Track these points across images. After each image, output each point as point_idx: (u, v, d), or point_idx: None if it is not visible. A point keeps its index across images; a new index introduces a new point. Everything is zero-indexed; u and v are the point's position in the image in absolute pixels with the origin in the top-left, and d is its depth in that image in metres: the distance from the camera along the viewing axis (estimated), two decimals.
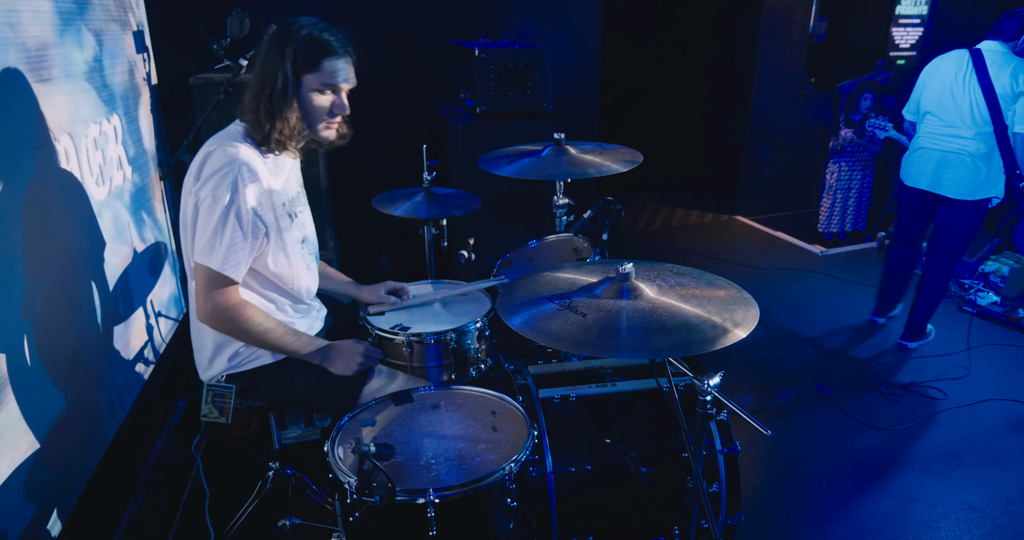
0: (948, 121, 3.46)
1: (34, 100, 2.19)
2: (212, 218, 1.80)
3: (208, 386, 2.05)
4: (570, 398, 2.07)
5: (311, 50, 1.84)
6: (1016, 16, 3.34)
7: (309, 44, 1.84)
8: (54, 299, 2.22)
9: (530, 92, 3.94)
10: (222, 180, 1.80)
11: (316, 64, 1.85)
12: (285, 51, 1.82)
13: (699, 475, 1.66)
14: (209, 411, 2.05)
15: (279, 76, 1.82)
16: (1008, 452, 3.05)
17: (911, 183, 3.67)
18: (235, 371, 2.03)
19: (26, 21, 2.19)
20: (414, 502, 1.52)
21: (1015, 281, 4.43)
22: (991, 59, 3.33)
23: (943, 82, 3.46)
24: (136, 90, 3.28)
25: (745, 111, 6.17)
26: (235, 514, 2.43)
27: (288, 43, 1.83)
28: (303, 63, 1.84)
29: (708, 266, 4.18)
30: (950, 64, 3.45)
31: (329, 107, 1.92)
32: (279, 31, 1.87)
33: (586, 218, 2.81)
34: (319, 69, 1.85)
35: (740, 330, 1.50)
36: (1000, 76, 3.29)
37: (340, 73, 1.89)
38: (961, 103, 3.39)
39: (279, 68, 1.82)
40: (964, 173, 3.43)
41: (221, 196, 1.79)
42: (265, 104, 1.85)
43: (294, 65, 1.83)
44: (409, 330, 2.22)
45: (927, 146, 3.55)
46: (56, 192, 2.30)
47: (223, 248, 1.81)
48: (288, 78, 1.83)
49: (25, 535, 1.96)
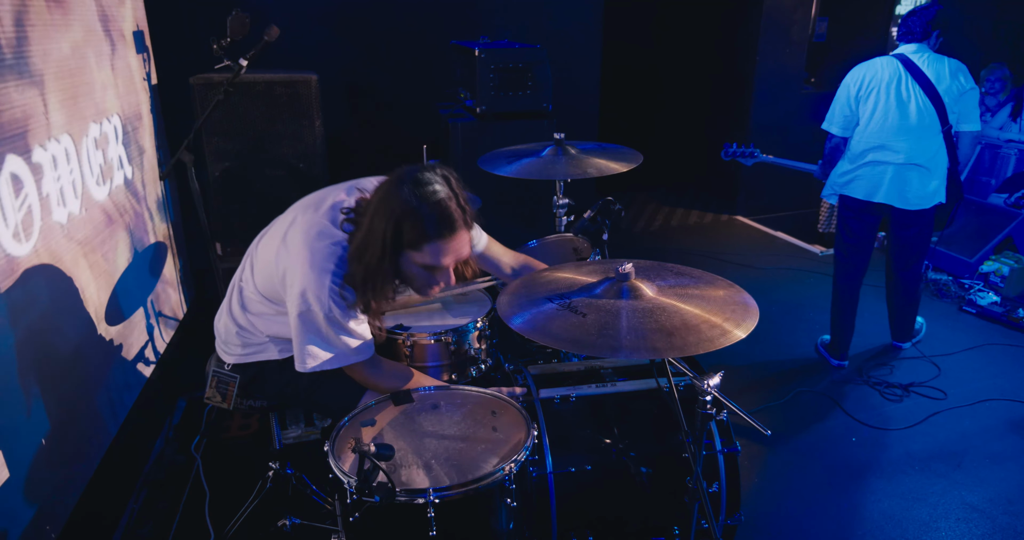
0: (897, 130, 3.29)
1: (34, 100, 2.19)
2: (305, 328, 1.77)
3: (214, 372, 2.09)
4: (570, 398, 2.07)
5: (420, 226, 1.62)
6: (919, 14, 3.29)
7: (420, 217, 1.61)
8: (54, 299, 2.22)
9: (530, 92, 3.94)
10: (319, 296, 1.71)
11: (420, 245, 1.66)
12: (389, 216, 1.62)
13: (699, 475, 1.66)
14: (212, 395, 2.10)
15: (379, 245, 1.64)
16: (1008, 452, 3.05)
17: (861, 197, 3.43)
18: (243, 361, 2.07)
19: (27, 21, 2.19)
20: (414, 502, 1.52)
21: (1015, 281, 4.43)
22: (922, 62, 3.26)
23: (884, 92, 3.29)
24: (136, 90, 3.28)
25: (745, 111, 6.17)
26: (235, 514, 2.44)
27: (395, 206, 1.62)
28: (408, 238, 1.65)
29: (708, 266, 4.18)
30: (883, 73, 3.30)
31: (432, 278, 1.78)
32: (393, 186, 1.64)
33: (586, 218, 2.81)
34: (422, 250, 1.67)
35: (740, 330, 1.50)
36: (941, 78, 3.22)
37: (451, 253, 1.71)
38: (909, 110, 3.26)
39: (380, 234, 1.63)
40: (920, 182, 3.32)
41: (317, 308, 1.73)
42: (360, 270, 1.70)
43: (395, 238, 1.63)
44: (409, 330, 2.22)
45: (878, 159, 3.34)
46: (56, 192, 2.30)
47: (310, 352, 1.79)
48: (388, 251, 1.65)
49: (25, 535, 1.97)
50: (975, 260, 4.69)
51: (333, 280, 1.72)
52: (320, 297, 1.72)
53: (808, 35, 6.01)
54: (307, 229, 1.77)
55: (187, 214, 3.92)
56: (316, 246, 1.73)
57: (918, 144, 3.29)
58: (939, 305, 4.46)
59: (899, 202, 3.37)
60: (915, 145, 3.29)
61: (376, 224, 1.65)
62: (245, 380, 2.09)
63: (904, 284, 3.69)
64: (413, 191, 1.62)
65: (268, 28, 2.78)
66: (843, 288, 3.69)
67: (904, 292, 3.72)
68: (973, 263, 4.68)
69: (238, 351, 2.07)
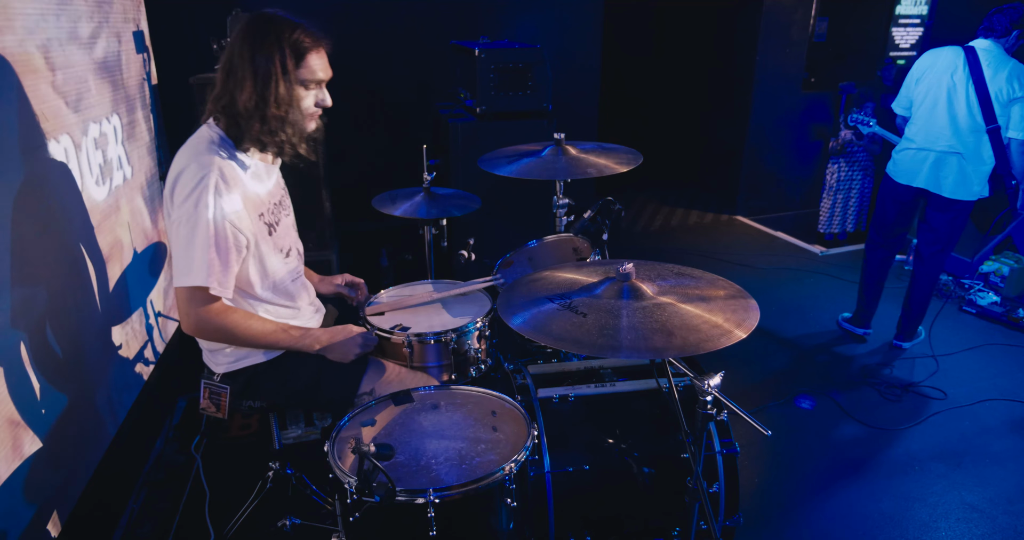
0: (942, 119, 3.43)
1: (33, 100, 2.19)
2: (192, 239, 1.75)
3: (205, 384, 2.06)
4: (569, 398, 2.07)
5: (297, 45, 1.79)
6: (1005, 12, 3.34)
7: (295, 39, 1.79)
8: (54, 299, 2.22)
9: (530, 92, 3.94)
10: (198, 198, 1.74)
11: (303, 60, 1.81)
12: (272, 45, 1.77)
13: (699, 475, 1.66)
14: (207, 406, 2.07)
15: (272, 72, 1.77)
16: (1008, 452, 3.05)
17: (903, 181, 3.62)
18: (231, 370, 2.04)
19: (26, 22, 2.19)
20: (414, 502, 1.52)
21: (1015, 281, 4.43)
22: (986, 58, 3.32)
23: (938, 79, 3.43)
24: (136, 90, 3.28)
25: (745, 111, 6.17)
26: (235, 514, 2.44)
27: (271, 36, 1.77)
28: (292, 59, 1.79)
29: (708, 266, 4.18)
30: (945, 61, 3.43)
31: (314, 101, 1.90)
32: (259, 23, 1.80)
33: (586, 218, 2.81)
34: (305, 65, 1.82)
35: (740, 330, 1.50)
36: (996, 78, 3.29)
37: (324, 68, 1.87)
38: (956, 101, 3.38)
39: (270, 64, 1.77)
40: (959, 172, 3.43)
41: (197, 214, 1.74)
42: (256, 101, 1.79)
43: (283, 61, 1.78)
44: (409, 330, 2.22)
45: (921, 144, 3.51)
46: (56, 192, 2.30)
47: (203, 266, 1.76)
48: (281, 74, 1.78)
49: (25, 535, 1.96)
50: (975, 260, 4.69)
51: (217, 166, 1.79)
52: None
53: (808, 35, 6.01)
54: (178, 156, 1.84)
55: None
56: (185, 154, 1.83)
57: (959, 136, 3.40)
58: (939, 305, 4.45)
59: (935, 188, 3.51)
60: (956, 136, 3.41)
61: (258, 56, 1.77)
62: (237, 389, 2.05)
63: (924, 271, 3.74)
64: (279, 23, 1.80)
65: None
66: (869, 263, 3.95)
67: (921, 279, 3.78)
68: (973, 263, 4.68)
69: (225, 359, 2.03)
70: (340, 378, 2.04)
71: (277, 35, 1.78)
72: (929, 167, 3.49)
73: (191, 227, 1.75)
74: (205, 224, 1.74)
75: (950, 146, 3.42)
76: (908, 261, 5.10)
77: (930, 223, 3.65)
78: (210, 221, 1.74)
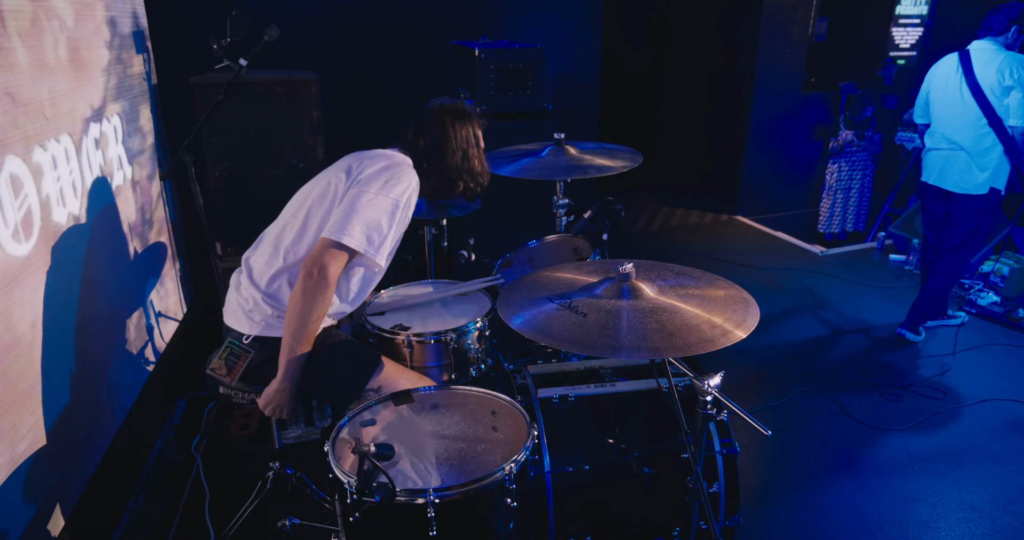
0: (948, 120, 3.65)
1: (33, 100, 2.19)
2: (373, 205, 1.96)
3: (228, 343, 2.03)
4: (569, 398, 2.07)
5: (477, 122, 2.26)
6: (1003, 11, 3.49)
7: (477, 118, 2.27)
8: (54, 299, 2.22)
9: (530, 92, 3.94)
10: (398, 185, 2.02)
11: (478, 130, 2.27)
12: (469, 123, 2.24)
13: (699, 475, 1.66)
14: (219, 366, 2.02)
15: (472, 142, 2.23)
16: (1008, 452, 3.05)
17: (924, 179, 3.86)
18: (266, 334, 2.03)
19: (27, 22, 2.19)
20: (414, 502, 1.52)
21: (1015, 281, 4.43)
22: (979, 57, 3.50)
23: (942, 85, 3.67)
24: (136, 90, 3.28)
25: (745, 111, 6.17)
26: (235, 514, 2.44)
27: (468, 117, 2.24)
28: (477, 129, 2.25)
29: (708, 266, 4.18)
30: (945, 67, 3.67)
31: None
32: (456, 107, 2.25)
33: (586, 218, 2.81)
34: (479, 134, 2.28)
35: (740, 330, 1.50)
36: (986, 72, 3.44)
37: None
38: (955, 103, 3.59)
39: (471, 135, 2.23)
40: (962, 168, 3.62)
41: (393, 195, 2.00)
42: (466, 164, 2.22)
43: (476, 134, 2.24)
44: (409, 330, 2.22)
45: (936, 145, 3.74)
46: (56, 193, 2.30)
47: (366, 229, 1.94)
48: (477, 144, 2.25)
49: (25, 535, 1.97)
50: (975, 260, 4.69)
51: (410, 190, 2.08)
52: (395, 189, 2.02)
53: (808, 35, 6.01)
54: (380, 158, 2.12)
55: (187, 214, 3.92)
56: (387, 157, 2.15)
57: (962, 133, 3.59)
58: None
59: (943, 183, 3.73)
60: (960, 134, 3.60)
61: (461, 132, 2.22)
62: (260, 358, 2.02)
63: (942, 265, 3.84)
64: (464, 106, 2.28)
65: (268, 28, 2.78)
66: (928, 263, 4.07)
67: (936, 273, 3.87)
68: (973, 263, 4.68)
69: (262, 320, 2.02)
70: (351, 370, 2.04)
71: (468, 112, 2.27)
72: (940, 165, 3.73)
73: (382, 201, 1.98)
74: (394, 207, 1.99)
75: (954, 143, 3.62)
76: (909, 261, 5.10)
77: (950, 217, 3.81)
78: (398, 209, 2.00)
